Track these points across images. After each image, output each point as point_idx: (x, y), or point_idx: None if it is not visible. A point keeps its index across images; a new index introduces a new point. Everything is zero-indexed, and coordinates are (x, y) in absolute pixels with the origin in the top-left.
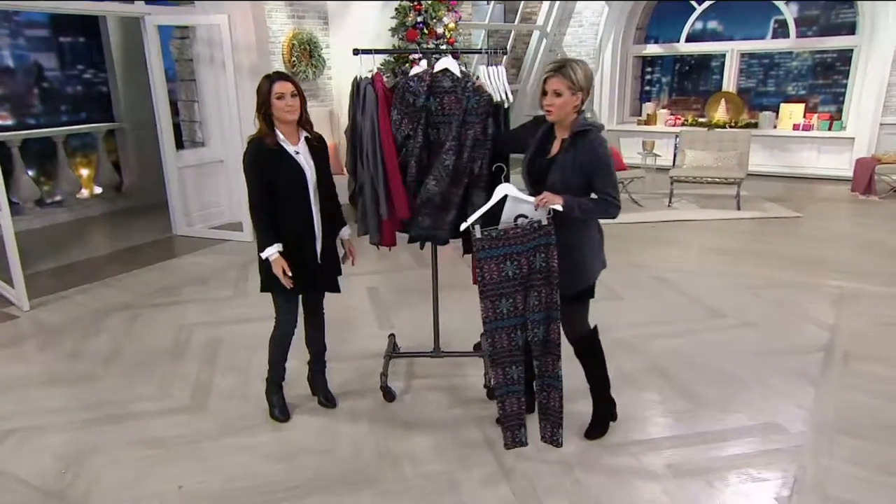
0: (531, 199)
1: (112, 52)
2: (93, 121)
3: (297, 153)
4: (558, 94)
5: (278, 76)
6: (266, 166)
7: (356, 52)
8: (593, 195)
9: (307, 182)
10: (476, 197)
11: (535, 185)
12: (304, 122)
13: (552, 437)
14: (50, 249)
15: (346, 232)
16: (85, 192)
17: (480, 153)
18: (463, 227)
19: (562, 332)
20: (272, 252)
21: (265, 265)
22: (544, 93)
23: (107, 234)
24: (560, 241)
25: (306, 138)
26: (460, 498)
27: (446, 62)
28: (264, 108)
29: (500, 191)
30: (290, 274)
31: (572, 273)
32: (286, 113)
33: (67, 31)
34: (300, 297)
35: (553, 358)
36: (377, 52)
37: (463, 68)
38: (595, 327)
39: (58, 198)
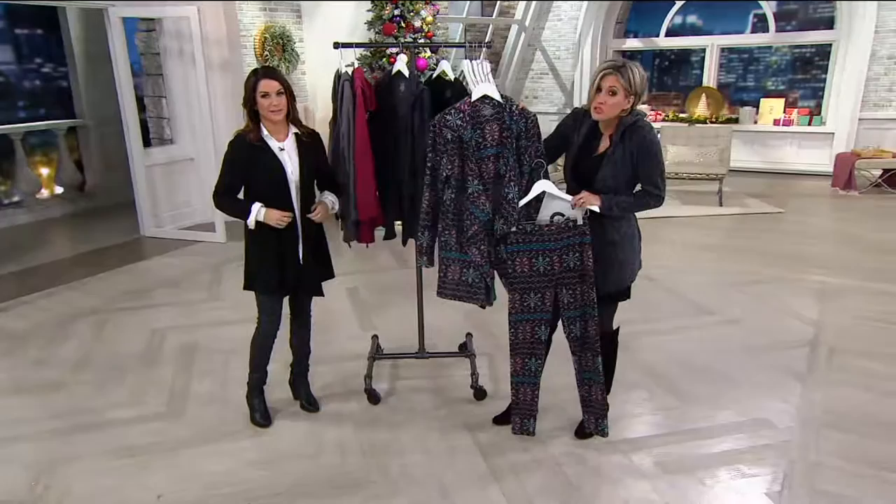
0: (568, 197)
1: (73, 45)
2: (52, 117)
3: (282, 150)
4: (613, 93)
5: (264, 73)
6: (243, 163)
7: (336, 45)
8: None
9: (287, 180)
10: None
11: (581, 184)
12: (292, 118)
13: (597, 427)
14: (9, 252)
15: (328, 197)
16: (45, 193)
17: (537, 176)
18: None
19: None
20: (257, 209)
21: (250, 262)
22: (599, 89)
23: (70, 236)
24: (605, 238)
25: (296, 134)
26: (450, 500)
27: (485, 88)
28: (250, 104)
29: (539, 187)
30: (288, 217)
31: (614, 271)
32: (271, 112)
33: (24, 23)
34: (284, 297)
35: (592, 353)
36: (358, 45)
37: (441, 73)
38: (617, 328)
39: (16, 198)
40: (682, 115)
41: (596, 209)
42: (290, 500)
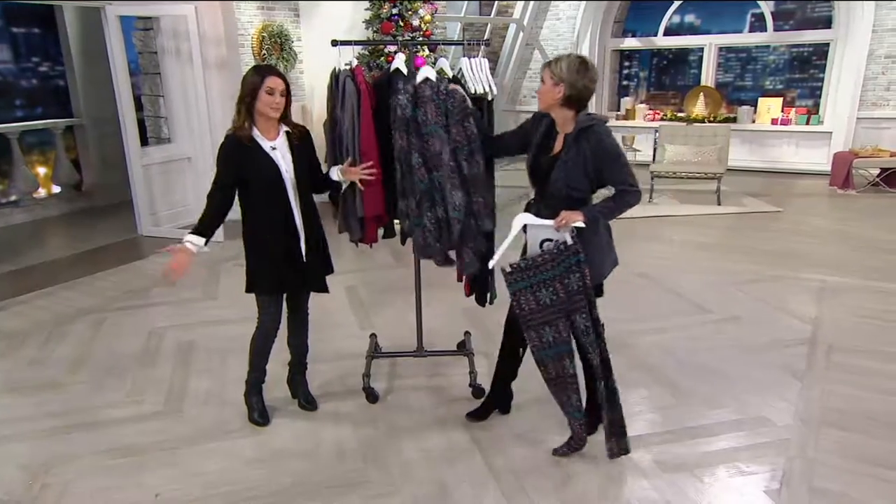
0: (550, 222)
1: (70, 44)
2: (49, 116)
3: (274, 149)
4: (543, 82)
5: (271, 70)
6: (237, 163)
7: (335, 42)
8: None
9: (283, 178)
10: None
11: (539, 185)
12: (284, 118)
13: (620, 448)
14: (6, 252)
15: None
16: (42, 192)
17: (464, 155)
18: (491, 265)
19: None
20: (190, 240)
21: (251, 264)
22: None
23: (67, 236)
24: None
25: (287, 133)
26: (449, 499)
27: (426, 72)
28: (249, 100)
29: (518, 222)
30: (174, 277)
31: (592, 265)
32: (272, 109)
33: (21, 22)
34: (284, 296)
35: (610, 373)
36: (356, 43)
37: (438, 70)
38: (602, 325)
39: (13, 197)
40: (679, 115)
41: (581, 224)
42: (289, 500)
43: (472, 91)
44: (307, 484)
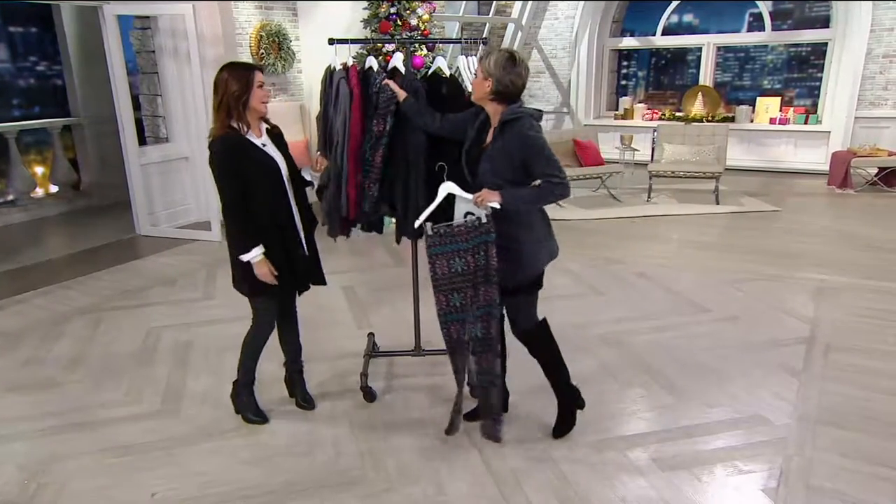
0: (470, 196)
1: (67, 43)
2: (47, 116)
3: (265, 145)
4: (475, 75)
5: (253, 66)
6: (241, 162)
7: (331, 41)
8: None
9: (282, 174)
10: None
11: (471, 176)
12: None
13: (490, 433)
14: (4, 251)
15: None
16: (40, 191)
17: (369, 144)
18: (416, 224)
19: (503, 328)
20: (256, 254)
21: (247, 268)
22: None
23: (65, 235)
24: (500, 232)
25: (268, 130)
26: (446, 497)
27: (394, 60)
28: (244, 98)
29: (443, 189)
30: (276, 274)
31: (513, 264)
32: (264, 104)
33: (18, 21)
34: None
35: (493, 354)
36: (353, 41)
37: (436, 69)
38: (543, 320)
39: (10, 197)
40: (678, 114)
41: (496, 205)
42: (285, 499)
43: (471, 89)
44: (303, 483)
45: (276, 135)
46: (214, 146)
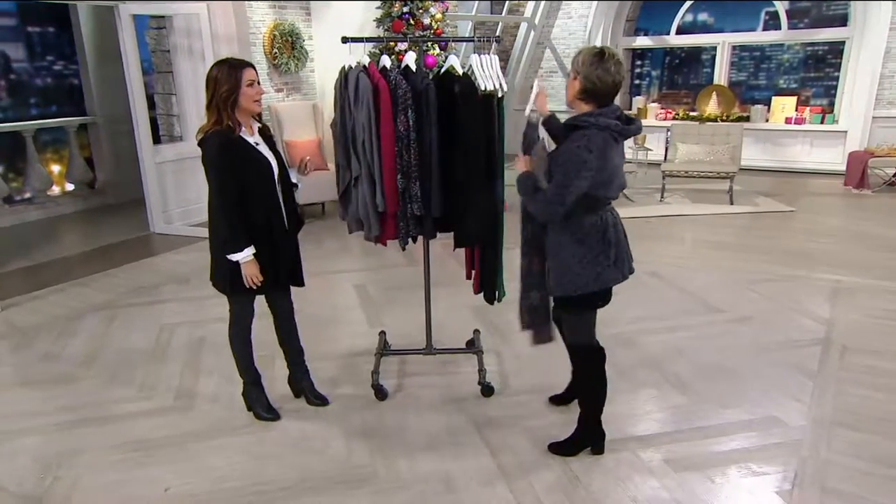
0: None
1: (84, 42)
2: (64, 115)
3: (258, 144)
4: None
5: (243, 63)
6: (236, 159)
7: (345, 39)
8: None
9: (273, 174)
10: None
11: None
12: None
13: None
14: (21, 249)
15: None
16: (56, 189)
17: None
18: (527, 113)
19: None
20: (248, 255)
21: (229, 267)
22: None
23: (81, 233)
24: (551, 236)
25: (259, 128)
26: (458, 496)
27: (406, 59)
28: (232, 97)
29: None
30: (260, 278)
31: (557, 273)
32: (256, 103)
33: (36, 21)
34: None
35: (539, 259)
36: (368, 40)
37: (449, 68)
38: (592, 350)
39: (27, 195)
40: (692, 114)
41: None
42: (297, 495)
43: (483, 88)
44: (315, 479)
45: (267, 136)
46: (208, 142)
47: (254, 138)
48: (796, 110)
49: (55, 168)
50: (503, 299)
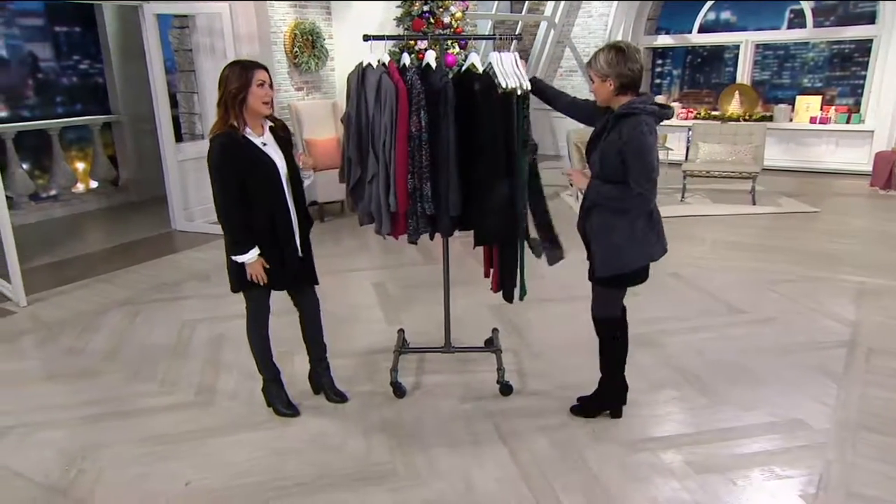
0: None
1: (108, 42)
2: (88, 113)
3: (265, 145)
4: (593, 81)
5: (254, 64)
6: (239, 162)
7: (366, 37)
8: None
9: (280, 175)
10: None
11: (588, 162)
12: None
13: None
14: (46, 245)
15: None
16: (81, 187)
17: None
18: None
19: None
20: (252, 256)
21: (236, 266)
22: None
23: (104, 230)
24: (598, 220)
25: (271, 128)
26: (476, 494)
27: (427, 57)
28: (240, 97)
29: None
30: (264, 278)
31: (605, 255)
32: (264, 105)
33: (63, 21)
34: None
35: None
36: (389, 37)
37: (470, 66)
38: (616, 321)
39: (53, 192)
40: (714, 113)
41: (582, 188)
42: (315, 491)
43: (504, 86)
44: (334, 476)
45: (281, 136)
46: (211, 144)
47: (262, 139)
48: (821, 110)
49: (80, 166)
50: (524, 298)
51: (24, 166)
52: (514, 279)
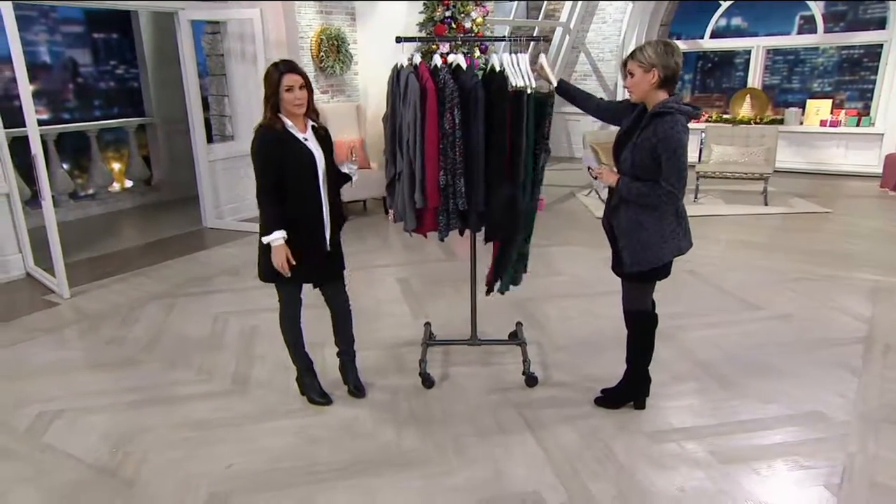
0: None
1: (144, 47)
2: (124, 116)
3: (306, 139)
4: (632, 75)
5: (287, 67)
6: (277, 150)
7: (399, 39)
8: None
9: (317, 168)
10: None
11: (615, 160)
12: (310, 111)
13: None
14: (85, 241)
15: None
16: (116, 186)
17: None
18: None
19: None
20: (277, 237)
21: (266, 253)
22: (625, 76)
23: (139, 227)
24: (627, 217)
25: (313, 127)
26: (505, 482)
27: (455, 58)
28: (273, 97)
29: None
30: (293, 263)
31: (635, 250)
32: (295, 107)
33: (101, 28)
34: (303, 283)
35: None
36: (420, 39)
37: (490, 67)
38: (646, 315)
39: (90, 191)
40: (725, 116)
41: (612, 185)
42: (351, 476)
43: (514, 84)
44: (368, 462)
45: (322, 137)
46: (255, 134)
47: (304, 134)
48: (831, 113)
49: (115, 166)
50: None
51: (65, 166)
52: (501, 273)
